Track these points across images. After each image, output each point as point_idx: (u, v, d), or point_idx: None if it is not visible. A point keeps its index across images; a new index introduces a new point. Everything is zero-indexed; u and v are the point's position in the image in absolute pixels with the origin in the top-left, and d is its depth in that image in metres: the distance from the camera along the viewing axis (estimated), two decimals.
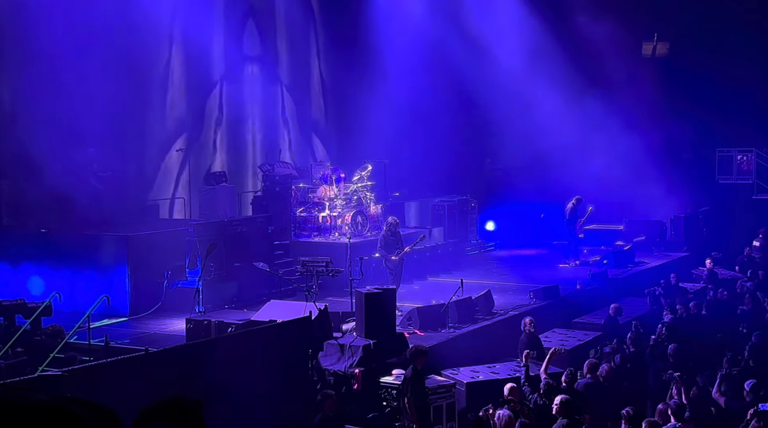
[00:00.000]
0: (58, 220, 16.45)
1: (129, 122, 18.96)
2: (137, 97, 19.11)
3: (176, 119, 20.91)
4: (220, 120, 21.63)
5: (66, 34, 17.20)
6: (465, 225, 23.65)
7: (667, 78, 26.62)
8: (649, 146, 25.09)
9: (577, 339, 15.23)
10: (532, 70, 24.94)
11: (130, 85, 18.37)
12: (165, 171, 20.62)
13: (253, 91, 22.29)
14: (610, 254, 22.22)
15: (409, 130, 28.15)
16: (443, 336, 14.18)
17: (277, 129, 23.33)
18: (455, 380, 12.25)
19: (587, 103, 25.05)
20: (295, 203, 20.41)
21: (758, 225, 24.41)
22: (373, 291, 12.74)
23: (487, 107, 25.91)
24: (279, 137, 23.39)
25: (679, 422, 9.53)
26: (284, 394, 10.67)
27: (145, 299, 15.68)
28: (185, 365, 9.75)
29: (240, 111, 22.19)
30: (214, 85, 21.54)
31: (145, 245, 16.17)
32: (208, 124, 21.55)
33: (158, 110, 20.41)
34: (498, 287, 18.00)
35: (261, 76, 22.83)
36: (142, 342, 12.46)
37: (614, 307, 15.77)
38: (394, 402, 11.53)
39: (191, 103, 21.06)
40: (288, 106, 24.07)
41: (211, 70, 21.43)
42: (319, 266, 15.55)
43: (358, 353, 12.16)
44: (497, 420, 9.25)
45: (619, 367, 12.10)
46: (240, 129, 22.29)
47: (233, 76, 21.72)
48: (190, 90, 21.01)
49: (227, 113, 21.70)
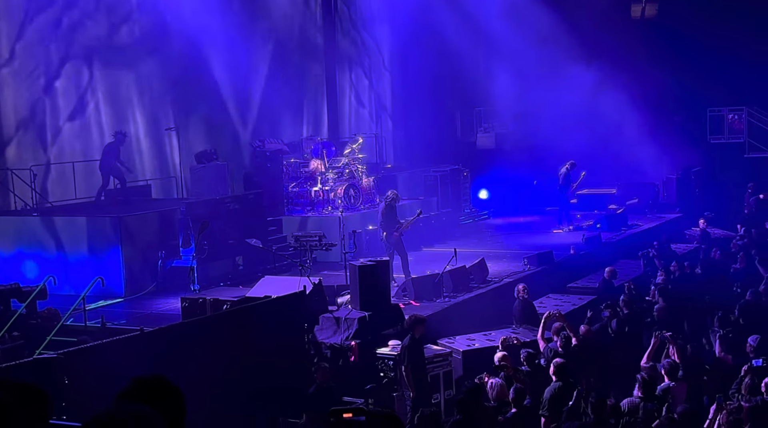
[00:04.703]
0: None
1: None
2: None
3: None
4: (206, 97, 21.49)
5: None
6: (458, 195, 23.66)
7: (656, 39, 26.52)
8: (640, 108, 25.06)
9: (571, 304, 15.28)
10: (521, 36, 24.83)
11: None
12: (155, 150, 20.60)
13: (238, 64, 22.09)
14: (603, 218, 22.28)
15: (400, 102, 28.16)
16: (438, 306, 14.24)
17: (267, 105, 23.21)
18: (451, 348, 12.32)
19: (577, 67, 25.01)
20: (287, 179, 20.40)
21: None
22: (366, 264, 12.80)
23: (476, 74, 25.85)
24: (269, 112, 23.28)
25: (672, 381, 9.61)
26: (281, 369, 10.73)
27: (139, 279, 15.71)
28: (181, 343, 9.79)
29: (228, 86, 22.04)
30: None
31: (138, 225, 16.18)
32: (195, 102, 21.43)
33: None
34: (492, 255, 18.04)
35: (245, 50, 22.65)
36: (138, 322, 12.48)
37: (609, 270, 15.82)
38: (391, 373, 11.59)
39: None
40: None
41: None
42: (313, 240, 15.58)
43: (353, 325, 12.23)
44: (491, 389, 9.33)
45: (615, 331, 12.17)
46: (228, 105, 22.17)
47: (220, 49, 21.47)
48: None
49: (213, 89, 21.53)
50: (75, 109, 19.01)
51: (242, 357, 10.34)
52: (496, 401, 9.25)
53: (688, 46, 25.79)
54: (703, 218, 20.95)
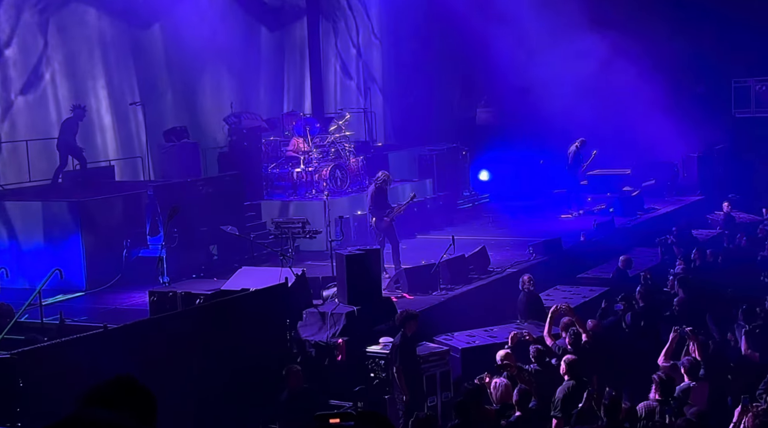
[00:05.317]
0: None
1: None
2: None
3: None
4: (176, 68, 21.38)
5: None
6: (456, 176, 23.67)
7: (676, 5, 26.50)
8: (657, 80, 25.03)
9: (582, 296, 15.34)
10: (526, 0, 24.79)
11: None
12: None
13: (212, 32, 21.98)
14: (616, 201, 22.34)
15: (392, 74, 28.07)
16: (435, 299, 14.27)
17: (244, 76, 23.13)
18: (449, 346, 12.35)
19: (588, 35, 24.94)
20: (266, 159, 20.37)
21: None
22: (355, 253, 12.80)
23: (476, 43, 25.76)
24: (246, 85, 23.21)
25: (693, 381, 9.65)
26: (261, 370, 10.72)
27: (102, 271, 15.64)
28: (149, 341, 9.78)
29: (201, 56, 21.93)
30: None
31: (100, 211, 16.13)
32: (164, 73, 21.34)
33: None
34: (494, 242, 18.08)
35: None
36: (101, 318, 12.48)
37: (623, 259, 15.88)
38: (382, 373, 11.63)
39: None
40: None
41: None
42: (295, 227, 15.58)
43: (340, 321, 12.25)
44: (494, 389, 9.36)
45: (630, 326, 12.22)
46: (201, 77, 22.08)
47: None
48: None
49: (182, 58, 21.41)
50: (28, 80, 18.86)
51: (217, 357, 10.33)
52: (499, 403, 9.29)
53: (711, 10, 25.76)
54: (727, 201, 21.03)
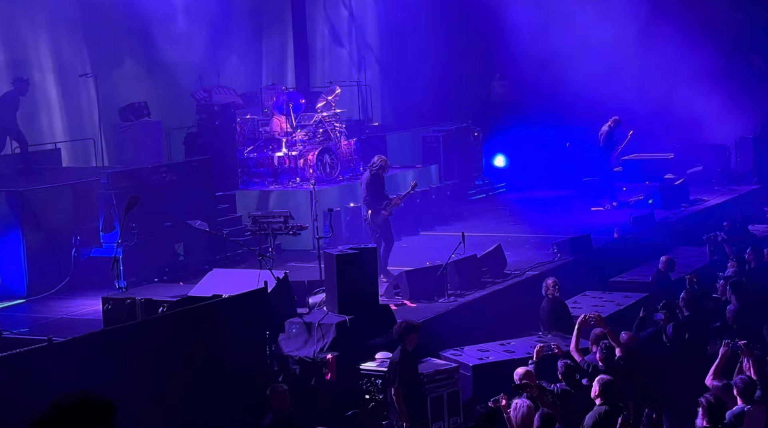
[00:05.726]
0: None
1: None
2: None
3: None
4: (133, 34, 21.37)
5: None
6: (466, 161, 23.70)
7: None
8: (704, 47, 24.99)
9: (615, 304, 15.37)
10: None
11: None
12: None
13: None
14: (656, 191, 22.36)
15: (391, 41, 28.04)
16: (441, 307, 14.29)
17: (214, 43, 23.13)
18: (458, 362, 12.36)
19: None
20: (242, 141, 20.34)
21: None
22: (346, 252, 12.79)
23: (489, 5, 25.75)
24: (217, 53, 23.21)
25: (748, 404, 9.64)
26: (235, 391, 10.73)
27: (47, 273, 15.70)
28: (103, 358, 9.75)
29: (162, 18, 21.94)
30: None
31: (44, 203, 16.12)
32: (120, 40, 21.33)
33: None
34: (511, 240, 18.16)
35: None
36: (45, 330, 12.52)
37: (665, 260, 15.91)
38: (379, 395, 11.63)
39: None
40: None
41: None
42: (276, 222, 15.57)
43: (330, 333, 12.26)
44: (514, 412, 9.32)
45: (672, 339, 12.21)
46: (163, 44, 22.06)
47: None
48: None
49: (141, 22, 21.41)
50: None
51: (184, 375, 10.33)
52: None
53: None
54: None
